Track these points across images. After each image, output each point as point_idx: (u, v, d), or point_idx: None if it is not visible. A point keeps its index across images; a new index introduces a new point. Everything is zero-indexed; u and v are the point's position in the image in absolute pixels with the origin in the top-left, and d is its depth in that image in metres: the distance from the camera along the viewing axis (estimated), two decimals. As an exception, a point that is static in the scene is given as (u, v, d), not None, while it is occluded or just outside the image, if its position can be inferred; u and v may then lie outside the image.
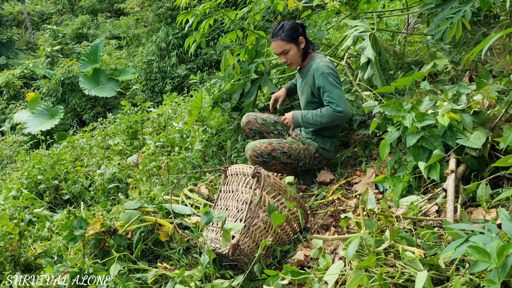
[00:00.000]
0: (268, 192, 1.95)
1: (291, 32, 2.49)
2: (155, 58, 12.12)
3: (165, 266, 2.03)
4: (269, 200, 1.94)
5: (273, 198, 1.97)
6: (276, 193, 1.98)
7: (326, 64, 2.46)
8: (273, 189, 1.98)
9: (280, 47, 2.52)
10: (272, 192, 1.97)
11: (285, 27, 2.50)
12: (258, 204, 1.90)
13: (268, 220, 1.94)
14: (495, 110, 1.89)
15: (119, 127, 4.40)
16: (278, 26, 2.52)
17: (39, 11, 19.01)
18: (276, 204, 1.97)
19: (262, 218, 1.93)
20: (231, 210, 2.06)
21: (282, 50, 2.52)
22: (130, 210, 2.31)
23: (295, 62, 2.58)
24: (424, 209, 1.81)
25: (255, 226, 1.91)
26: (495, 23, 2.59)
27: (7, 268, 2.33)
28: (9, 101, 10.31)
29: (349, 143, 3.01)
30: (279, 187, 1.99)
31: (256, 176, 1.93)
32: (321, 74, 2.42)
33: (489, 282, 1.08)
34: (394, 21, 5.37)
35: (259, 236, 1.93)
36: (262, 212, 1.93)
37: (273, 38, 2.53)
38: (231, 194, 2.11)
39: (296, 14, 10.22)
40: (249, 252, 1.90)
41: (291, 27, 2.50)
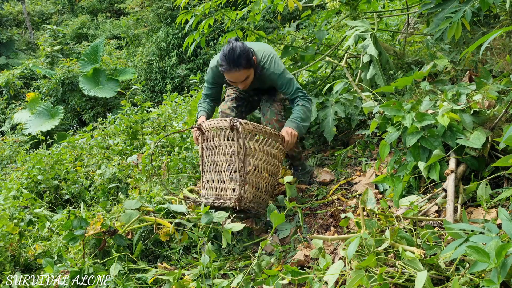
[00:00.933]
0: (250, 138, 2.09)
1: (249, 58, 2.34)
2: (155, 58, 12.12)
3: (165, 266, 2.03)
4: (254, 145, 2.09)
5: (256, 142, 2.12)
6: (258, 136, 2.12)
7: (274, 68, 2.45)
8: (254, 134, 2.11)
9: (243, 76, 2.36)
10: (253, 137, 2.11)
11: (243, 55, 2.31)
12: (245, 153, 2.04)
13: (258, 163, 2.12)
14: (495, 110, 1.89)
15: (119, 127, 4.40)
16: (235, 54, 2.29)
17: (39, 11, 19.01)
18: (260, 145, 2.12)
19: (253, 163, 2.09)
20: (221, 164, 2.16)
21: (244, 77, 2.38)
22: (130, 210, 2.31)
23: (250, 82, 2.47)
24: (424, 209, 1.81)
25: (249, 173, 2.06)
26: (495, 23, 2.59)
27: (7, 268, 2.33)
28: (9, 101, 10.31)
29: (349, 143, 3.01)
30: (259, 130, 2.12)
31: (234, 128, 2.04)
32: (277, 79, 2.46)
33: (489, 282, 1.08)
34: (394, 21, 5.38)
35: (256, 179, 2.11)
36: (251, 158, 2.08)
37: (234, 68, 2.31)
38: (216, 150, 2.19)
39: (296, 14, 10.22)
40: (253, 197, 2.08)
41: (247, 53, 2.33)
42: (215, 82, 2.63)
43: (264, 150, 2.15)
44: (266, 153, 2.19)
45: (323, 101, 2.89)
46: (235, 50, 2.30)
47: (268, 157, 2.20)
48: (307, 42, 3.41)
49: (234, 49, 2.30)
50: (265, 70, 2.47)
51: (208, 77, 2.63)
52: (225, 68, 2.34)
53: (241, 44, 2.34)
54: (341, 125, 3.14)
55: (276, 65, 2.48)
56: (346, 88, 2.95)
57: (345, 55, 3.10)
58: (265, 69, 2.47)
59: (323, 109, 2.86)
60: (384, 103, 2.06)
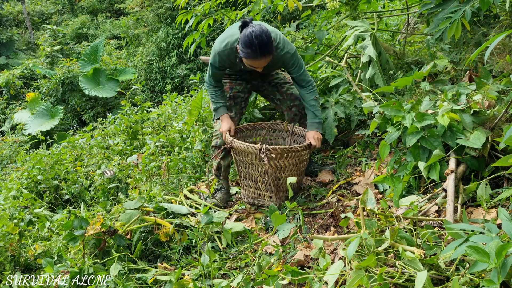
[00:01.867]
0: (279, 158, 2.33)
1: (273, 44, 2.29)
2: (155, 58, 12.11)
3: (165, 266, 2.03)
4: (283, 162, 2.36)
5: (285, 159, 2.35)
6: (285, 155, 2.33)
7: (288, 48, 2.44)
8: (279, 155, 2.31)
9: (266, 62, 2.32)
10: (282, 156, 2.33)
11: (270, 42, 2.24)
12: (277, 170, 2.37)
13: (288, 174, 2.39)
14: (495, 110, 1.89)
15: (119, 127, 4.40)
16: (263, 43, 2.21)
17: (39, 11, 19.00)
18: (289, 160, 2.36)
19: (284, 176, 2.39)
20: (256, 177, 2.47)
21: (267, 63, 2.34)
22: (130, 210, 2.31)
23: None
24: (424, 209, 1.81)
25: (282, 184, 2.41)
26: (495, 23, 2.59)
27: (7, 268, 2.33)
28: (9, 101, 10.30)
29: (349, 143, 3.01)
30: (286, 151, 2.32)
31: (264, 154, 2.29)
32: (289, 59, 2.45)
33: (489, 282, 1.08)
34: (394, 21, 5.38)
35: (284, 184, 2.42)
36: (282, 172, 2.38)
37: (262, 56, 2.25)
38: (250, 165, 2.46)
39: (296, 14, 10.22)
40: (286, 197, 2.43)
41: (271, 39, 2.26)
42: (222, 66, 2.52)
43: (292, 163, 2.38)
44: (294, 164, 2.40)
45: (323, 102, 2.89)
46: (263, 37, 2.20)
47: (298, 164, 2.43)
48: (307, 42, 3.40)
49: (262, 37, 2.20)
50: (279, 51, 2.41)
51: (214, 61, 2.49)
52: (252, 55, 2.24)
53: (265, 29, 2.23)
54: (341, 125, 3.14)
55: (289, 44, 2.46)
56: (346, 89, 2.95)
57: (345, 55, 3.10)
58: (279, 49, 2.41)
59: (323, 110, 2.86)
60: (384, 103, 2.06)
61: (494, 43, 1.22)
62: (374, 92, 2.37)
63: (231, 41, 2.39)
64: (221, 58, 2.46)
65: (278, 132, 2.80)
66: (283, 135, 2.79)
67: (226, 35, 2.45)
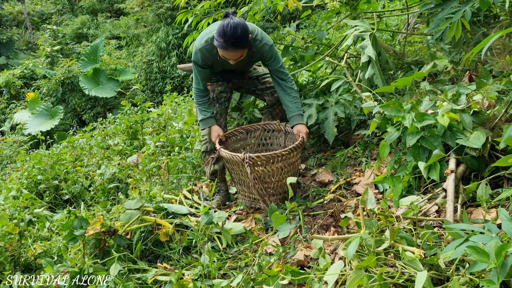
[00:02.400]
0: (266, 164, 2.32)
1: (248, 37, 2.31)
2: (155, 58, 12.11)
3: (165, 266, 2.03)
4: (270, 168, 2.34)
5: (272, 164, 2.33)
6: (271, 161, 2.31)
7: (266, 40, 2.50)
8: (264, 162, 2.31)
9: (239, 54, 2.34)
10: (268, 162, 2.32)
11: (244, 35, 2.26)
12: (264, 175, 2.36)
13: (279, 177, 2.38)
14: (495, 110, 1.89)
15: (119, 127, 4.40)
16: (238, 35, 2.23)
17: (39, 11, 19.00)
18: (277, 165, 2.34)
19: (274, 180, 2.38)
20: (247, 183, 2.44)
21: (240, 56, 2.35)
22: (130, 210, 2.31)
23: None
24: (424, 209, 1.81)
25: (272, 188, 2.41)
26: (495, 23, 2.59)
27: (7, 268, 2.33)
28: (9, 101, 10.30)
29: (348, 143, 3.01)
30: (272, 157, 2.30)
31: (247, 164, 2.28)
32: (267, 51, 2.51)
33: (488, 282, 1.08)
34: (394, 21, 5.38)
35: (280, 188, 2.42)
36: (271, 176, 2.37)
37: (234, 47, 2.27)
38: (239, 171, 2.45)
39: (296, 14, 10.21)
40: (280, 199, 2.45)
41: (248, 33, 2.29)
42: (205, 64, 2.52)
43: (280, 166, 2.36)
44: (283, 167, 2.37)
45: (323, 103, 2.89)
46: (237, 29, 2.23)
47: (287, 167, 2.39)
48: (307, 42, 3.40)
49: (235, 29, 2.23)
50: (258, 42, 2.47)
51: (197, 58, 2.50)
52: (223, 45, 2.27)
53: (242, 22, 2.27)
54: (341, 125, 3.14)
55: (266, 37, 2.53)
56: (346, 89, 2.95)
57: (345, 55, 3.10)
58: (257, 41, 2.47)
59: (323, 110, 2.86)
60: (384, 103, 2.06)
61: (490, 41, 1.22)
62: (374, 92, 2.37)
63: (211, 37, 2.41)
64: (203, 54, 2.46)
65: (272, 132, 2.81)
66: (277, 135, 2.80)
67: (206, 32, 2.50)
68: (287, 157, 2.34)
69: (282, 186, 2.42)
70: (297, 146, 2.37)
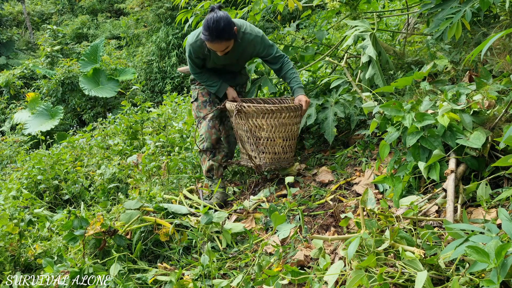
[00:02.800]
0: (257, 117, 2.54)
1: (232, 30, 2.45)
2: (155, 58, 12.11)
3: (165, 266, 2.03)
4: (261, 122, 2.56)
5: (263, 118, 2.55)
6: (262, 113, 2.54)
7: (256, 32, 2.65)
8: (259, 112, 2.53)
9: (224, 46, 2.48)
10: (259, 115, 2.54)
11: (226, 27, 2.40)
12: (255, 129, 2.58)
13: (269, 135, 2.59)
14: (495, 110, 1.89)
15: (119, 127, 4.40)
16: (220, 27, 2.38)
17: (39, 11, 19.01)
18: (268, 121, 2.55)
19: (265, 136, 2.59)
20: (244, 137, 2.69)
21: (225, 47, 2.50)
22: (130, 210, 2.31)
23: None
24: (424, 209, 1.81)
25: (263, 144, 2.62)
26: (495, 23, 2.59)
27: (7, 268, 2.33)
28: (9, 101, 10.30)
29: (349, 143, 3.01)
30: (262, 109, 2.53)
31: (239, 111, 2.52)
32: (260, 42, 2.66)
33: (488, 282, 1.08)
34: (394, 21, 5.38)
35: (271, 147, 2.63)
36: (262, 131, 2.58)
37: (216, 40, 2.41)
38: (237, 125, 2.68)
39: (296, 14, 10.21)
40: (272, 160, 2.66)
41: (231, 25, 2.43)
42: (197, 57, 2.71)
43: (273, 124, 2.56)
44: (276, 125, 2.57)
45: (323, 103, 2.89)
46: (219, 22, 2.39)
47: (280, 127, 2.58)
48: (307, 42, 3.40)
49: (218, 22, 2.39)
50: (248, 35, 2.61)
51: (190, 53, 2.69)
52: (208, 38, 2.44)
53: (225, 15, 2.43)
54: (341, 125, 3.14)
55: (256, 29, 2.67)
56: (346, 89, 2.95)
57: (345, 55, 3.10)
58: (247, 34, 2.61)
59: (322, 110, 2.86)
60: (384, 103, 2.06)
61: (489, 43, 1.23)
62: (374, 92, 2.37)
63: (199, 32, 2.57)
64: (194, 49, 2.65)
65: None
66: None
67: (197, 29, 2.66)
68: (278, 115, 2.54)
69: (272, 145, 2.62)
70: (290, 107, 2.55)
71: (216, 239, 2.22)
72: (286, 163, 2.74)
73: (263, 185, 2.83)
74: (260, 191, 2.76)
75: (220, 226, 2.22)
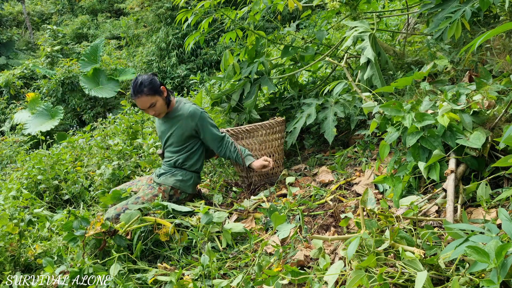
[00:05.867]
0: (235, 139, 2.81)
1: (152, 85, 2.58)
2: (155, 58, 12.11)
3: (165, 266, 2.03)
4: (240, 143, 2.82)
5: (241, 139, 2.82)
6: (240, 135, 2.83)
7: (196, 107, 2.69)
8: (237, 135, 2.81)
9: (147, 102, 2.58)
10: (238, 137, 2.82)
11: (144, 82, 2.56)
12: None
13: (259, 147, 2.84)
14: (495, 110, 1.90)
15: (119, 127, 4.40)
16: (137, 83, 2.56)
17: (39, 11, 19.01)
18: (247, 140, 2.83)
19: (257, 148, 2.84)
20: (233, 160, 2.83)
21: (149, 104, 2.59)
22: (131, 210, 2.31)
23: (163, 111, 2.67)
24: (424, 209, 1.81)
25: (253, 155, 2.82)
26: (495, 23, 2.59)
27: (7, 268, 2.33)
28: (9, 101, 10.31)
29: (348, 143, 3.01)
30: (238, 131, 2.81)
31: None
32: (199, 117, 2.65)
33: (488, 282, 1.08)
34: (394, 21, 5.38)
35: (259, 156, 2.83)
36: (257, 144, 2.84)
37: (137, 95, 2.56)
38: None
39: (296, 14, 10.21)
40: (259, 177, 2.84)
41: (150, 81, 2.59)
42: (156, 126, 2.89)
43: (253, 142, 2.82)
44: (255, 143, 2.83)
45: (323, 102, 2.89)
46: (138, 79, 2.59)
47: (260, 144, 2.83)
48: (307, 42, 3.40)
49: (137, 79, 2.59)
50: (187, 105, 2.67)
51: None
52: (131, 95, 2.63)
53: (147, 75, 2.62)
54: (341, 125, 3.14)
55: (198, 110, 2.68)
56: (346, 89, 2.95)
57: (345, 55, 3.10)
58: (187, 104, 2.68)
59: (322, 110, 2.86)
60: (384, 103, 2.06)
61: (481, 39, 1.22)
62: (374, 92, 2.37)
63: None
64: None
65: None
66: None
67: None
68: (255, 133, 2.82)
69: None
70: (264, 125, 2.83)
71: (216, 239, 2.22)
72: (275, 178, 2.85)
73: (263, 185, 2.83)
74: (260, 191, 2.77)
75: (220, 226, 2.22)
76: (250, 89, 3.24)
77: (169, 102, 2.69)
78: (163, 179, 2.66)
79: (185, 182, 2.66)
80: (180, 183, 2.65)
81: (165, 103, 2.65)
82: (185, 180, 2.66)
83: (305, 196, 2.52)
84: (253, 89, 3.23)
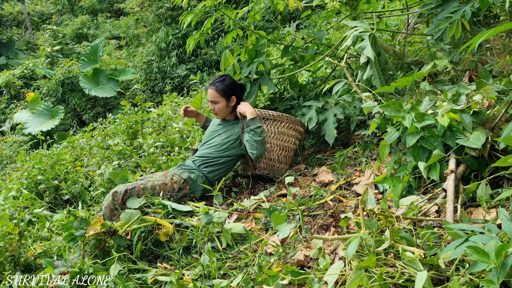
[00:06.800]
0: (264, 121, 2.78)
1: (227, 88, 2.77)
2: (155, 58, 12.11)
3: (165, 266, 2.03)
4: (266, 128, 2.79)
5: (264, 123, 2.76)
6: (265, 119, 2.77)
7: None
8: (261, 117, 2.75)
9: (212, 96, 2.78)
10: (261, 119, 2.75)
11: (225, 82, 2.77)
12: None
13: (268, 140, 2.78)
14: (494, 110, 1.90)
15: (119, 127, 4.40)
16: (220, 78, 2.77)
17: (39, 11, 19.01)
18: (270, 127, 2.79)
19: (273, 136, 2.80)
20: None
21: (213, 99, 2.78)
22: (130, 210, 2.31)
23: (221, 114, 2.85)
24: (424, 209, 1.81)
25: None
26: (495, 23, 2.59)
27: (7, 268, 2.33)
28: (10, 101, 10.31)
29: (348, 143, 3.01)
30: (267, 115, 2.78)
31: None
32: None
33: (488, 282, 1.08)
34: (394, 21, 5.38)
35: (267, 153, 2.78)
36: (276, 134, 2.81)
37: (211, 85, 2.78)
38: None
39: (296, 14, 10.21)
40: (266, 166, 2.80)
41: (230, 84, 2.78)
42: None
43: (272, 130, 2.79)
44: (274, 132, 2.79)
45: (323, 104, 2.89)
46: (225, 77, 2.81)
47: (278, 135, 2.80)
48: (307, 42, 3.40)
49: (224, 76, 2.81)
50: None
51: None
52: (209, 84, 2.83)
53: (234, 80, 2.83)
54: (341, 126, 3.14)
55: None
56: (346, 89, 2.95)
57: (345, 55, 3.09)
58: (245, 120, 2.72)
59: (322, 111, 2.86)
60: (384, 103, 2.06)
61: (482, 38, 1.22)
62: (374, 92, 2.37)
63: None
64: None
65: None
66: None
67: None
68: (278, 123, 2.81)
69: (269, 151, 2.79)
70: (290, 117, 2.83)
71: (216, 239, 2.22)
72: (279, 173, 2.84)
73: (263, 185, 2.83)
74: (260, 191, 2.77)
75: (220, 226, 2.22)
76: (250, 89, 3.24)
77: (233, 111, 2.86)
78: (180, 171, 2.70)
79: (195, 182, 2.69)
80: (192, 182, 2.67)
81: (227, 109, 2.83)
82: (196, 181, 2.69)
83: (305, 196, 2.52)
84: (253, 89, 3.23)
